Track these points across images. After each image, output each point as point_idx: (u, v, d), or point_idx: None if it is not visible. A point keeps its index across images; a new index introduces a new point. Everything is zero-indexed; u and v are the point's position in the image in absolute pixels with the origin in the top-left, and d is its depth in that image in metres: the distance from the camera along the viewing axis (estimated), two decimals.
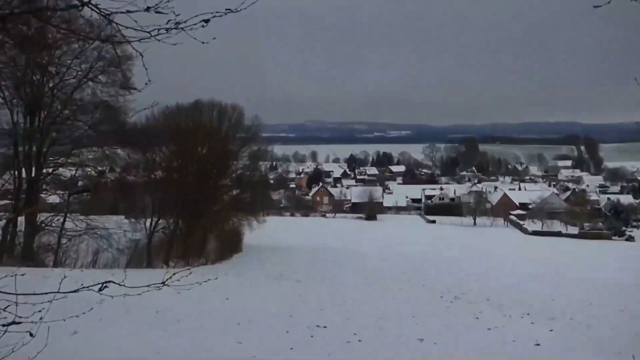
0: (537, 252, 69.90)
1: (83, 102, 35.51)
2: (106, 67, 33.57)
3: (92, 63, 33.22)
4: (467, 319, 20.99)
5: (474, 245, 75.68)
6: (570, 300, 30.05)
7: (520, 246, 77.25)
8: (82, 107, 35.53)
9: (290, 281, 31.55)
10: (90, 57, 32.91)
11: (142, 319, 15.70)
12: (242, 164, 55.10)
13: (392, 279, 36.11)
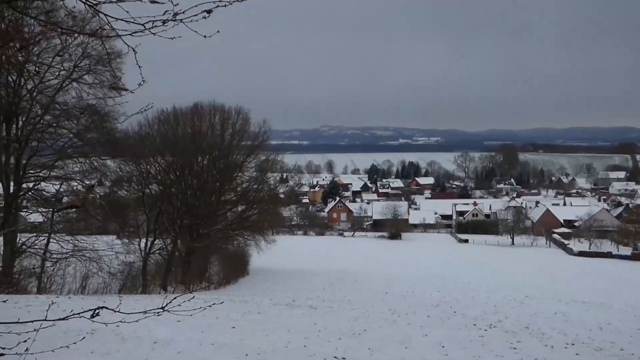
0: (584, 275, 69.63)
1: (67, 106, 34.20)
2: (93, 66, 32.30)
3: (77, 61, 31.89)
4: (503, 349, 20.98)
5: (512, 267, 75.49)
6: (622, 330, 29.96)
7: (564, 269, 76.90)
8: (66, 112, 34.21)
9: (304, 308, 31.55)
10: (74, 55, 31.48)
11: (139, 350, 15.80)
12: (249, 176, 55.26)
13: (419, 304, 36.06)
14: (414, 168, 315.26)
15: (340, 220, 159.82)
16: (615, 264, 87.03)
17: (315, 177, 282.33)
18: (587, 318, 34.58)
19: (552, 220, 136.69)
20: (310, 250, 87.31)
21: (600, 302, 44.93)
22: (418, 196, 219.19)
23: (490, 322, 29.20)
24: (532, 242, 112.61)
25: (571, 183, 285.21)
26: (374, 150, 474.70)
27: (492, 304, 39.03)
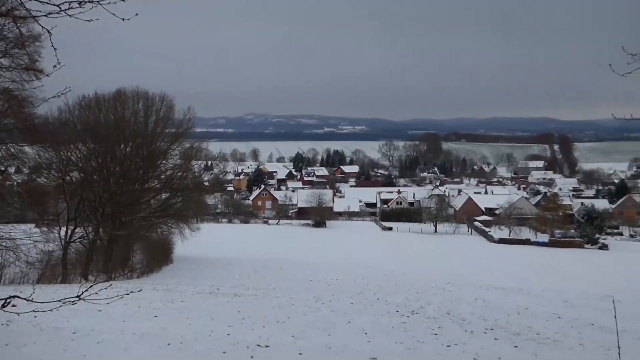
0: (503, 261, 71.38)
1: None
2: (9, 49, 30.67)
3: None
4: (424, 335, 21.38)
5: (434, 254, 76.82)
6: (538, 314, 30.88)
7: (484, 255, 78.63)
8: None
9: (228, 296, 31.51)
10: None
11: (57, 341, 15.54)
12: (173, 163, 54.63)
13: (342, 292, 36.35)
14: (339, 156, 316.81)
15: (265, 208, 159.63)
16: (533, 250, 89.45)
17: (240, 165, 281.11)
18: (506, 303, 35.47)
19: (473, 208, 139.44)
20: (235, 238, 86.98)
21: (519, 287, 46.16)
22: (343, 184, 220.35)
23: (412, 309, 29.67)
24: (454, 230, 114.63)
25: (492, 172, 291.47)
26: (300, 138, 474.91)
27: (415, 290, 39.62)
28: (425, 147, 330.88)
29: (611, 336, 23.82)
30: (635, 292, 47.68)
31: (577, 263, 74.73)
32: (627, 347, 21.34)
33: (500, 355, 17.77)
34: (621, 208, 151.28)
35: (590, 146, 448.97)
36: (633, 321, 30.56)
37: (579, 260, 78.22)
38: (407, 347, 18.68)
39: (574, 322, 28.63)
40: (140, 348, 15.74)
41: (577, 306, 36.32)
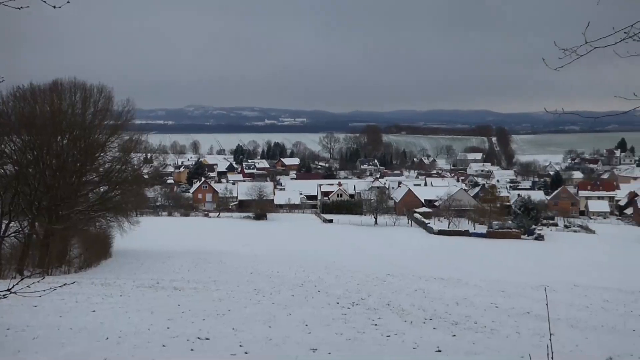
0: (442, 253, 72.41)
1: None
2: None
3: None
4: (364, 326, 21.62)
5: (375, 246, 77.46)
6: (476, 304, 31.49)
7: (424, 247, 79.63)
8: None
9: (168, 290, 31.34)
10: None
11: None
12: (111, 156, 53.84)
13: (283, 284, 36.47)
14: (280, 149, 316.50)
15: (205, 200, 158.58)
16: (472, 241, 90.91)
17: (180, 158, 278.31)
18: (445, 294, 36.06)
19: (413, 200, 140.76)
20: (175, 232, 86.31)
21: (458, 278, 46.87)
22: (284, 177, 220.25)
23: (353, 300, 29.94)
24: (394, 222, 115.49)
25: (432, 164, 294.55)
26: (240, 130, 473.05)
27: (356, 282, 39.96)
28: (366, 140, 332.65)
29: (546, 324, 24.40)
30: (569, 282, 48.93)
31: (513, 254, 76.24)
32: (560, 334, 21.98)
33: (438, 344, 18.07)
34: (556, 199, 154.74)
35: (526, 138, 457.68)
36: (567, 309, 31.41)
37: (515, 250, 79.84)
38: (347, 338, 18.86)
39: (510, 311, 29.29)
40: (78, 343, 15.56)
41: (514, 295, 37.13)
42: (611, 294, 41.61)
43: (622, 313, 31.26)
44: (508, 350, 17.85)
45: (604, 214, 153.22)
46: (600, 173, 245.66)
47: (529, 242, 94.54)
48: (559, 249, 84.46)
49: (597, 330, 24.62)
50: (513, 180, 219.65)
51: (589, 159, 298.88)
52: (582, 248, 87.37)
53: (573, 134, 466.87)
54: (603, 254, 78.94)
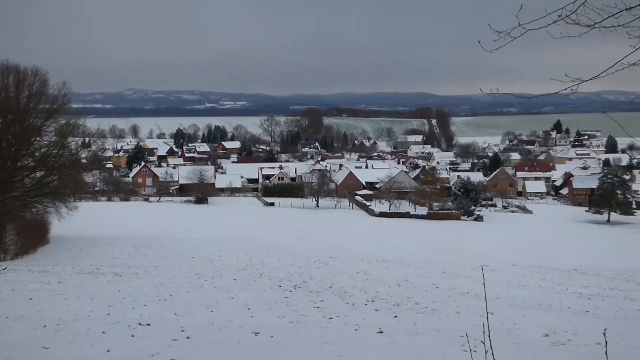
0: (384, 235, 72.97)
1: None
2: None
3: None
4: (306, 309, 21.70)
5: (316, 229, 77.66)
6: (417, 285, 31.90)
7: (365, 229, 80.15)
8: None
9: (108, 275, 30.96)
10: None
11: None
12: (48, 140, 52.75)
13: (225, 268, 36.37)
14: (221, 132, 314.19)
15: (145, 185, 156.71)
16: (413, 223, 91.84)
17: (119, 142, 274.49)
18: (386, 275, 36.44)
19: (355, 182, 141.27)
20: (114, 217, 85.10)
21: (399, 260, 47.36)
22: (224, 160, 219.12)
23: (295, 283, 30.04)
24: (336, 204, 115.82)
25: (373, 146, 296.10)
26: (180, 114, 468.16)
27: (298, 265, 40.08)
28: (307, 122, 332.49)
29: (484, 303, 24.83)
30: (508, 261, 49.90)
31: (454, 234, 77.28)
32: (499, 312, 22.44)
33: (380, 326, 18.22)
34: (495, 180, 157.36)
35: (466, 120, 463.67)
36: (505, 288, 32.05)
37: (455, 231, 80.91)
38: (289, 321, 18.90)
39: (450, 291, 29.78)
40: (14, 332, 15.24)
41: (454, 276, 37.73)
42: (547, 273, 42.63)
43: (557, 291, 32.04)
44: (448, 330, 18.12)
45: (540, 195, 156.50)
46: (537, 154, 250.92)
47: (468, 223, 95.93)
48: (498, 230, 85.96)
49: (534, 308, 25.18)
50: (453, 162, 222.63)
51: (526, 140, 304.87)
52: (519, 228, 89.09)
53: (511, 116, 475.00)
54: (540, 234, 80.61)
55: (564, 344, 16.72)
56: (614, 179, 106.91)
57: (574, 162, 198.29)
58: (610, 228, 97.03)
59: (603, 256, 59.84)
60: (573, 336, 17.80)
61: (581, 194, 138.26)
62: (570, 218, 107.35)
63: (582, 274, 43.31)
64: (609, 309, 25.68)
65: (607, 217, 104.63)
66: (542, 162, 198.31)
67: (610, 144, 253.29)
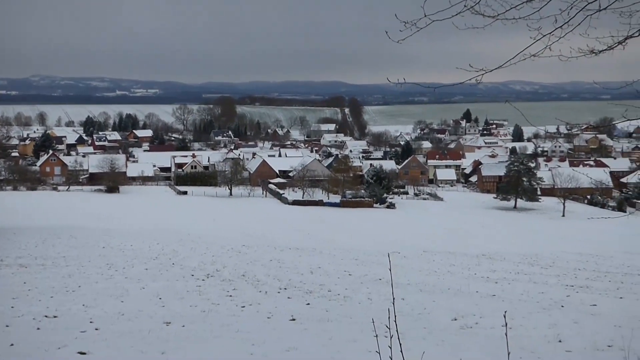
0: (297, 223, 73.22)
1: None
2: None
3: None
4: (219, 297, 21.63)
5: (230, 218, 77.29)
6: (330, 272, 32.17)
7: (279, 217, 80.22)
8: None
9: (13, 267, 30.05)
10: None
11: None
12: None
13: (137, 258, 35.81)
14: (132, 120, 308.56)
15: (54, 174, 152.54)
16: (326, 211, 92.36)
17: (25, 130, 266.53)
18: (300, 263, 36.60)
19: (268, 171, 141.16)
20: (21, 206, 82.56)
21: (312, 248, 47.66)
22: (136, 149, 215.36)
23: (208, 272, 29.89)
24: (249, 193, 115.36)
25: (286, 135, 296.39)
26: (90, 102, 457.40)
27: (211, 254, 39.82)
28: (220, 111, 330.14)
29: (397, 289, 25.25)
30: (419, 248, 50.82)
31: (366, 222, 78.18)
32: (410, 298, 22.83)
33: (292, 313, 18.30)
34: (407, 168, 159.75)
35: (378, 109, 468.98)
36: (416, 274, 32.62)
37: (368, 219, 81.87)
38: (201, 310, 18.80)
39: (363, 278, 30.14)
40: None
41: (367, 263, 38.20)
42: (457, 259, 43.65)
43: (466, 276, 32.83)
44: (360, 316, 18.31)
45: (451, 182, 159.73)
46: (448, 143, 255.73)
47: (381, 210, 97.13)
48: (410, 217, 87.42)
49: (444, 293, 25.73)
50: (365, 151, 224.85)
51: (437, 129, 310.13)
52: (431, 215, 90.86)
53: (422, 105, 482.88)
54: (450, 220, 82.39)
55: (471, 327, 17.14)
56: (520, 166, 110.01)
57: (482, 150, 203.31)
58: (517, 214, 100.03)
59: (510, 241, 61.73)
60: (480, 319, 18.25)
61: (489, 181, 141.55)
62: (479, 205, 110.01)
63: (490, 259, 44.55)
64: (514, 292, 26.48)
65: (514, 204, 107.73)
66: (452, 150, 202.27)
67: (517, 133, 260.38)
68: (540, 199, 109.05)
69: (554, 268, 39.89)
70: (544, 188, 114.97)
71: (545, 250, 52.68)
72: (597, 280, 33.41)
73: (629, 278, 34.74)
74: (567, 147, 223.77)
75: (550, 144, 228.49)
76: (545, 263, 43.00)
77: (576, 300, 23.94)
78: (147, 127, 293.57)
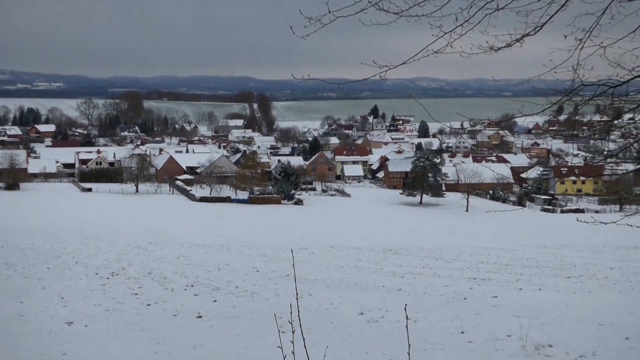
0: (205, 219, 72.63)
1: None
2: None
3: None
4: (124, 296, 21.30)
5: (135, 214, 76.04)
6: (237, 269, 32.09)
7: (186, 214, 79.40)
8: None
9: None
10: None
11: None
12: None
13: (38, 257, 34.83)
14: (34, 115, 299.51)
15: None
16: (234, 207, 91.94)
17: None
18: (207, 260, 36.37)
19: (175, 167, 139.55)
20: None
21: (220, 244, 47.35)
22: (38, 144, 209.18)
23: (112, 270, 29.36)
24: (156, 190, 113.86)
25: (194, 130, 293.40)
26: None
27: (116, 252, 39.09)
28: (126, 106, 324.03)
29: (304, 285, 25.44)
30: (326, 243, 51.21)
31: (274, 218, 78.23)
32: (317, 293, 23.02)
33: (199, 310, 18.20)
34: (314, 164, 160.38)
35: (287, 105, 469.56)
36: (324, 270, 32.89)
37: (276, 215, 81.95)
38: (105, 309, 18.48)
39: (270, 274, 30.20)
40: None
41: (274, 259, 38.28)
42: (364, 254, 44.20)
43: (373, 271, 33.29)
44: (267, 312, 18.32)
45: (358, 178, 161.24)
46: (355, 139, 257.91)
47: (289, 206, 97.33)
48: (317, 213, 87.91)
49: (350, 288, 26.03)
50: (273, 147, 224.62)
51: (345, 125, 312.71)
52: (338, 211, 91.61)
53: (330, 101, 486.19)
54: (357, 216, 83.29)
55: (377, 321, 17.42)
56: (425, 162, 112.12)
57: (389, 146, 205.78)
58: (423, 209, 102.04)
59: (416, 236, 62.86)
60: (386, 313, 18.57)
61: (396, 177, 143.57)
62: (386, 200, 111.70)
63: (396, 254, 45.27)
64: (419, 286, 27.04)
65: (420, 199, 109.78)
66: (359, 146, 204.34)
67: (423, 129, 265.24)
68: (445, 194, 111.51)
69: (458, 262, 40.89)
70: (448, 183, 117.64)
71: (450, 245, 53.93)
72: (499, 272, 34.44)
73: (528, 270, 35.94)
74: (470, 143, 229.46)
75: (454, 140, 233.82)
76: (449, 257, 44.00)
77: (478, 293, 24.65)
78: (50, 121, 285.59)
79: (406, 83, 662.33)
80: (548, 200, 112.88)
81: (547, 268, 37.67)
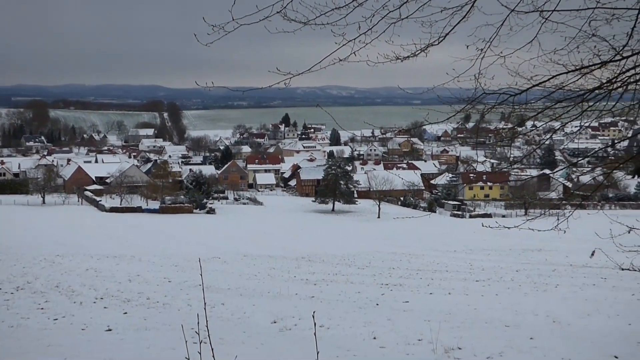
0: (115, 230, 71.30)
1: None
2: None
3: None
4: (29, 311, 20.69)
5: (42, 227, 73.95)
6: (149, 279, 31.62)
7: (96, 225, 77.70)
8: None
9: None
10: None
11: None
12: None
13: None
14: None
15: None
16: (145, 217, 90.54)
17: None
18: (117, 272, 35.66)
19: (84, 177, 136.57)
20: None
21: (131, 255, 46.52)
22: None
23: (17, 285, 28.51)
24: (64, 201, 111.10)
25: (103, 140, 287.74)
26: None
27: (21, 265, 37.91)
28: (31, 115, 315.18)
29: (217, 294, 25.25)
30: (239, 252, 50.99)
31: (186, 228, 77.36)
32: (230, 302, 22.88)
33: (109, 324, 17.84)
34: (226, 173, 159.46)
35: (198, 114, 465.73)
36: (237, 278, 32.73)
37: (188, 225, 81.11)
38: (9, 325, 17.90)
39: (183, 284, 29.88)
40: None
41: (187, 269, 37.88)
42: (277, 262, 44.18)
43: (286, 279, 33.31)
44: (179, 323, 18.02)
45: (270, 186, 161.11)
46: (267, 147, 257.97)
47: (201, 215, 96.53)
48: (230, 222, 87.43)
49: (263, 296, 25.97)
50: (185, 156, 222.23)
51: (257, 133, 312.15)
52: (250, 220, 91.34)
53: (242, 110, 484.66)
54: (270, 225, 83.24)
55: (290, 329, 17.41)
56: (337, 170, 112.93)
57: (301, 154, 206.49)
58: (335, 216, 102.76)
59: (328, 243, 63.21)
60: (299, 321, 18.58)
61: (308, 185, 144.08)
62: (299, 208, 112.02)
63: (309, 261, 45.43)
64: (332, 292, 27.21)
65: (332, 207, 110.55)
66: (271, 154, 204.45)
67: (334, 137, 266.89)
68: (357, 202, 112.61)
69: (370, 268, 41.34)
70: (360, 190, 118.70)
71: (362, 251, 54.46)
72: (410, 278, 34.99)
73: (438, 274, 36.64)
74: (382, 150, 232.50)
75: (366, 148, 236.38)
76: (361, 263, 44.44)
77: (390, 298, 24.97)
78: None
79: (316, 91, 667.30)
80: (457, 206, 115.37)
81: (456, 272, 38.50)
